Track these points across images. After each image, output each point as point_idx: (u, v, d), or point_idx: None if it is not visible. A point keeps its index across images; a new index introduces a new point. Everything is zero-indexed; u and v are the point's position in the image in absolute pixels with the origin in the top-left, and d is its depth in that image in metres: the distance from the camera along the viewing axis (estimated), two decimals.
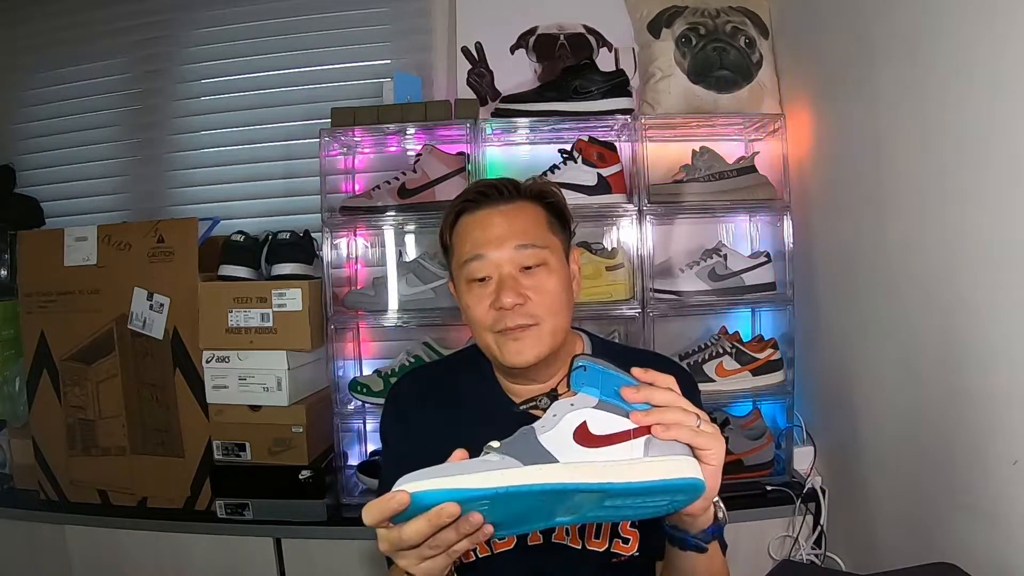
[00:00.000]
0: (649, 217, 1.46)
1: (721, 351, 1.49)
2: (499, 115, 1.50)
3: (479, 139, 1.48)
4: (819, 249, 1.44)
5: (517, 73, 1.66)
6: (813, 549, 1.40)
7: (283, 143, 1.77)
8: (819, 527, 1.39)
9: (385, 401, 0.95)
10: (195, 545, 1.48)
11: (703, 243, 1.59)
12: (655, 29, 1.58)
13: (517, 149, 1.67)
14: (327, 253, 1.48)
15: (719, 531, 0.68)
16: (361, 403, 1.49)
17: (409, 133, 1.57)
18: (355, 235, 1.66)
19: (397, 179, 1.49)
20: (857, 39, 1.22)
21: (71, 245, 1.51)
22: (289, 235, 1.49)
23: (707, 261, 1.49)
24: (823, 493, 1.39)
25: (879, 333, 1.21)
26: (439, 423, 0.88)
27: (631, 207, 1.46)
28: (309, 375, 1.51)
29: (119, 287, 1.49)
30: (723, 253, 1.49)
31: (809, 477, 1.42)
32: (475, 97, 1.62)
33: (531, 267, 0.82)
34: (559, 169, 1.48)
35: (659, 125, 1.53)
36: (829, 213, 1.39)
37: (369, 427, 1.65)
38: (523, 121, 1.50)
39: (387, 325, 1.52)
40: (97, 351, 1.52)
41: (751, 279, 1.48)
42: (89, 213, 1.84)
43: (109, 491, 1.53)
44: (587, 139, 1.48)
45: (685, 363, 1.47)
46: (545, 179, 1.39)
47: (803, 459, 1.46)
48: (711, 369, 1.47)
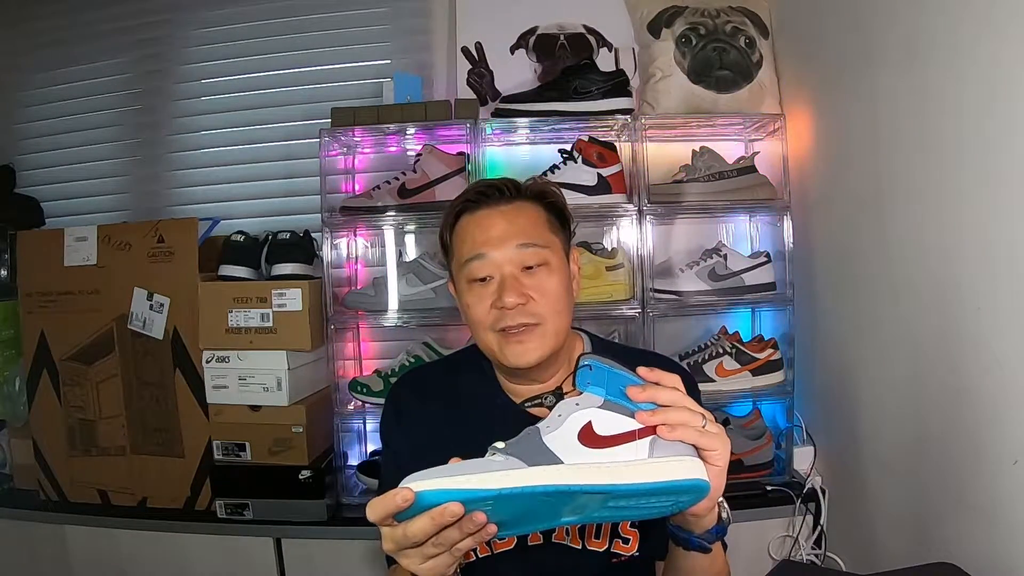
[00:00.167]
0: (649, 217, 1.46)
1: (721, 351, 1.49)
2: (499, 115, 1.50)
3: (479, 139, 1.48)
4: (819, 249, 1.44)
5: (517, 73, 1.66)
6: (813, 549, 1.40)
7: (283, 143, 1.77)
8: (819, 527, 1.39)
9: (385, 401, 0.95)
10: (195, 545, 1.48)
11: (703, 243, 1.59)
12: (655, 29, 1.58)
13: (517, 149, 1.67)
14: (327, 253, 1.48)
15: (723, 531, 0.68)
16: (361, 403, 1.49)
17: (409, 133, 1.57)
18: (355, 235, 1.66)
19: (397, 179, 1.49)
20: (857, 39, 1.22)
21: (71, 245, 1.51)
22: (289, 235, 1.49)
23: (707, 261, 1.49)
24: (823, 493, 1.39)
25: (879, 333, 1.21)
26: (439, 423, 0.88)
27: (631, 207, 1.46)
28: (309, 375, 1.51)
29: (119, 287, 1.49)
30: (723, 253, 1.49)
31: (809, 477, 1.42)
32: (475, 97, 1.62)
33: (532, 267, 0.82)
34: (559, 169, 1.48)
35: (659, 125, 1.53)
36: (829, 213, 1.39)
37: (369, 427, 1.65)
38: (523, 121, 1.50)
39: (387, 325, 1.52)
40: (97, 351, 1.52)
41: (751, 279, 1.48)
42: (89, 213, 1.84)
43: (109, 491, 1.53)
44: (587, 139, 1.48)
45: (685, 363, 1.48)
46: (545, 179, 1.39)
47: (803, 459, 1.46)
48: (711, 369, 1.47)
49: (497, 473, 0.53)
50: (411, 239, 1.65)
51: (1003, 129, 0.86)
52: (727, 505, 0.67)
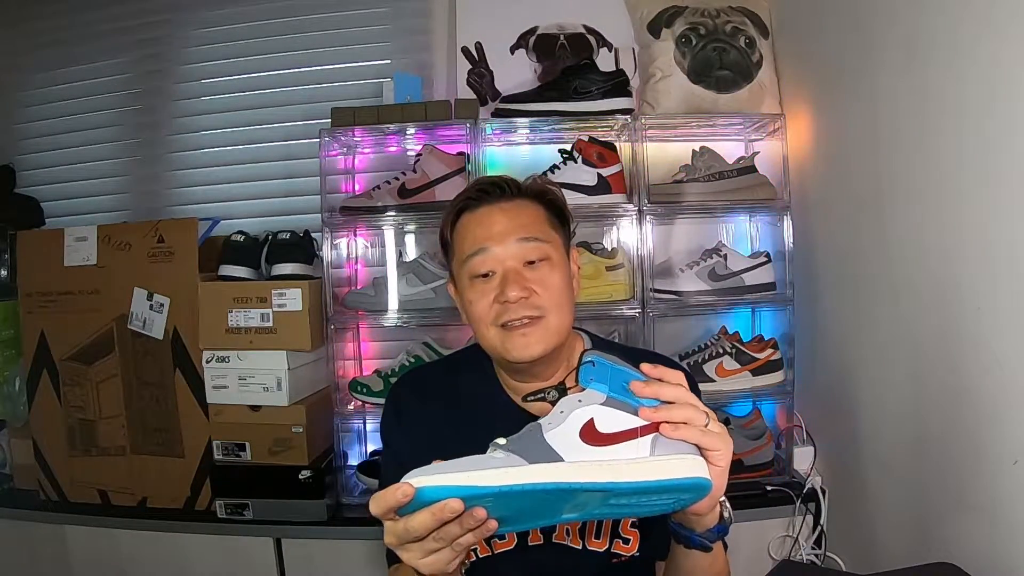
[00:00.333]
0: (649, 217, 1.46)
1: (721, 351, 1.49)
2: (499, 115, 1.50)
3: (479, 139, 1.48)
4: (819, 249, 1.44)
5: (517, 73, 1.66)
6: (813, 549, 1.40)
7: (283, 143, 1.77)
8: (819, 527, 1.39)
9: (385, 401, 0.95)
10: (195, 545, 1.48)
11: (703, 243, 1.59)
12: (655, 29, 1.58)
13: (517, 149, 1.67)
14: (327, 253, 1.48)
15: (724, 530, 0.68)
16: (361, 403, 1.49)
17: (409, 133, 1.57)
18: (355, 235, 1.66)
19: (397, 179, 1.49)
20: (857, 39, 1.22)
21: (71, 245, 1.51)
22: (289, 235, 1.49)
23: (707, 261, 1.49)
24: (823, 493, 1.39)
25: (879, 333, 1.21)
26: (439, 423, 0.88)
27: (631, 207, 1.46)
28: (309, 375, 1.51)
29: (119, 287, 1.48)
30: (723, 253, 1.49)
31: (809, 477, 1.42)
32: (475, 97, 1.62)
33: (534, 261, 0.82)
34: (559, 169, 1.48)
35: (659, 125, 1.53)
36: (829, 213, 1.39)
37: (369, 427, 1.65)
38: (523, 121, 1.50)
39: (387, 325, 1.52)
40: (97, 351, 1.52)
41: (751, 279, 1.48)
42: (89, 213, 1.84)
43: (109, 491, 1.53)
44: (587, 139, 1.48)
45: (685, 363, 1.47)
46: (545, 179, 1.39)
47: (803, 459, 1.46)
48: (711, 369, 1.47)
49: (498, 470, 0.53)
50: (411, 239, 1.65)
51: (1003, 129, 0.86)
52: (729, 505, 0.67)
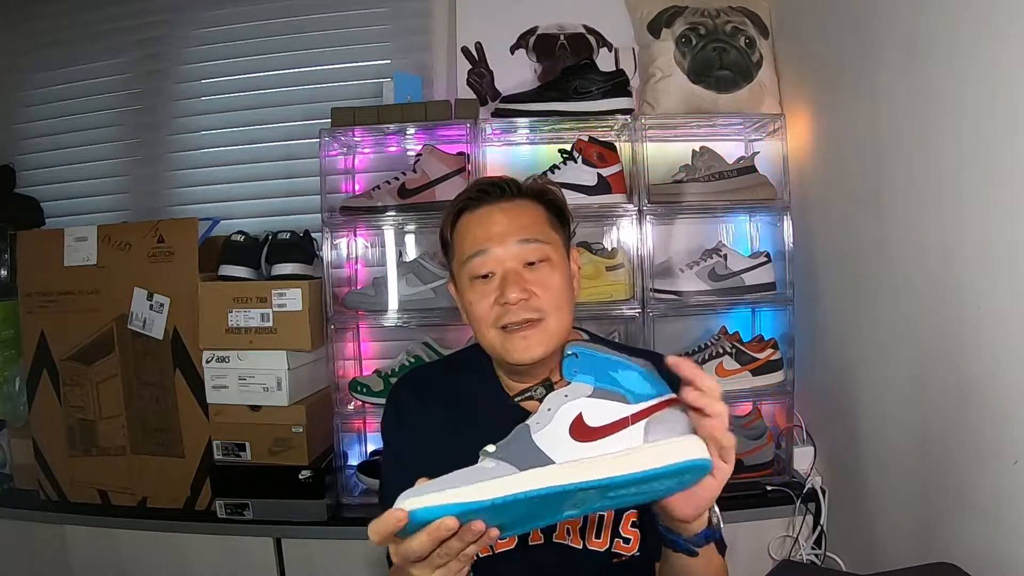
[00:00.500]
0: (649, 217, 1.46)
1: (721, 351, 1.49)
2: (499, 115, 1.50)
3: (479, 139, 1.48)
4: (819, 249, 1.44)
5: (517, 73, 1.66)
6: (813, 549, 1.40)
7: (283, 143, 1.77)
8: (819, 527, 1.39)
9: (386, 401, 0.95)
10: (195, 545, 1.48)
11: (703, 243, 1.59)
12: (655, 29, 1.58)
13: (517, 149, 1.67)
14: (327, 253, 1.48)
15: (712, 536, 0.67)
16: (361, 403, 1.49)
17: (409, 133, 1.57)
18: (355, 235, 1.66)
19: (397, 179, 1.49)
20: (857, 39, 1.22)
21: (71, 245, 1.51)
22: (289, 235, 1.49)
23: (707, 261, 1.49)
24: (823, 493, 1.40)
25: (879, 333, 1.21)
26: (439, 423, 0.88)
27: (631, 207, 1.46)
28: (309, 375, 1.51)
29: (119, 287, 1.48)
30: (723, 253, 1.49)
31: (809, 477, 1.42)
32: (475, 97, 1.61)
33: (534, 262, 0.82)
34: (559, 169, 1.48)
35: (659, 125, 1.53)
36: (829, 213, 1.39)
37: (369, 427, 1.65)
38: (523, 121, 1.50)
39: (387, 325, 1.52)
40: (97, 351, 1.51)
41: (751, 279, 1.48)
42: (89, 213, 1.84)
43: (109, 491, 1.53)
44: (587, 139, 1.48)
45: None
46: (545, 179, 1.39)
47: (803, 459, 1.46)
48: (711, 369, 1.47)
49: (489, 482, 0.53)
50: (411, 239, 1.65)
51: (1003, 129, 0.86)
52: (718, 510, 0.67)
